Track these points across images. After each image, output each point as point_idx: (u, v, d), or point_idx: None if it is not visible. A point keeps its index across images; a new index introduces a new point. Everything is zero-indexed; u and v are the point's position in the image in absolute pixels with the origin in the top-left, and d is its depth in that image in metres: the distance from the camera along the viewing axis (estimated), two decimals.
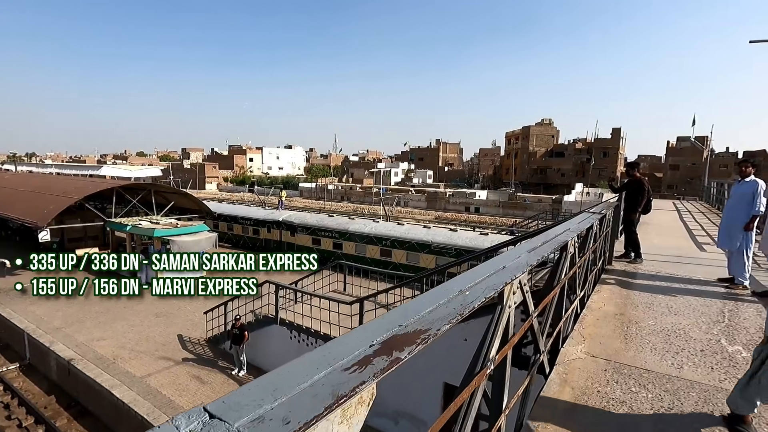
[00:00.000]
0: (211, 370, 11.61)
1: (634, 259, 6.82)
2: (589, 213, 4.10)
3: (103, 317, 15.16)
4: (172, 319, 15.16)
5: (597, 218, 3.95)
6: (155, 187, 23.48)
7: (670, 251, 8.09)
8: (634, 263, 6.73)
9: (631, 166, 7.06)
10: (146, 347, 12.86)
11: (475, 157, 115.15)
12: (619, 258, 7.05)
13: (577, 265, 3.42)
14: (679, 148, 61.75)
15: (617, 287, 5.20)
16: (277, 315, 11.22)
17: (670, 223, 13.07)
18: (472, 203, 57.23)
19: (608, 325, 3.90)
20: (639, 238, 6.89)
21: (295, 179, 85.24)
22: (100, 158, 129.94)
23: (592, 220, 3.67)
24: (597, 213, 4.09)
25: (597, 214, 4.05)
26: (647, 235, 9.99)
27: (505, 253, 2.84)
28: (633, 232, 6.81)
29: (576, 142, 70.21)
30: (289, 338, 11.02)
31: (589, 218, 3.67)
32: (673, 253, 7.85)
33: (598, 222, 4.15)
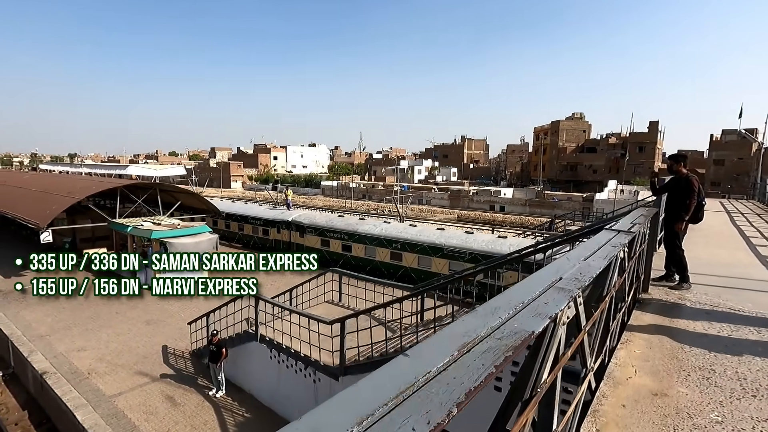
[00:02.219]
0: (187, 389, 10.53)
1: (679, 283, 5.12)
2: (611, 235, 2.55)
3: (91, 324, 14.42)
4: (161, 327, 14.26)
5: (621, 248, 2.41)
6: (161, 186, 22.89)
7: (725, 269, 6.29)
8: (678, 289, 5.04)
9: (676, 159, 5.30)
10: (126, 360, 11.95)
11: (502, 154, 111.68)
12: (659, 281, 5.37)
13: (584, 331, 1.92)
14: (724, 141, 57.14)
15: (656, 336, 3.58)
16: (257, 331, 10.00)
17: (721, 229, 11.01)
18: (497, 202, 54.85)
19: (640, 421, 2.36)
20: (685, 254, 5.18)
21: (318, 177, 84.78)
22: (133, 158, 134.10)
23: (613, 254, 2.14)
24: (623, 233, 2.55)
25: (622, 236, 2.50)
26: (693, 246, 8.12)
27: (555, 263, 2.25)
28: (678, 247, 5.11)
29: (609, 136, 66.40)
30: (269, 357, 9.77)
31: (607, 251, 2.14)
32: (731, 273, 6.05)
33: (625, 249, 2.62)
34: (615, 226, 2.83)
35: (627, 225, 2.83)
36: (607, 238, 2.41)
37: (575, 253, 2.34)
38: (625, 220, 3.17)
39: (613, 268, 2.63)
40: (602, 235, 2.54)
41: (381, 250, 20.70)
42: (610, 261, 2.39)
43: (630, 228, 2.74)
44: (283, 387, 9.50)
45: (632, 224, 2.99)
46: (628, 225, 2.84)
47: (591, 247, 2.33)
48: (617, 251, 2.31)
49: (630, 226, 2.81)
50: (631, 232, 2.66)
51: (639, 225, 3.01)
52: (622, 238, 2.46)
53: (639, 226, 2.96)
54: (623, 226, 2.81)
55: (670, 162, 5.29)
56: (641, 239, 4.02)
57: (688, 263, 5.61)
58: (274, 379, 9.74)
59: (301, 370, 9.04)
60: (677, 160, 5.25)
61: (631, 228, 2.74)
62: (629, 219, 3.34)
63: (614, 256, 2.45)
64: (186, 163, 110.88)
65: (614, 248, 2.27)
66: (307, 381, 8.91)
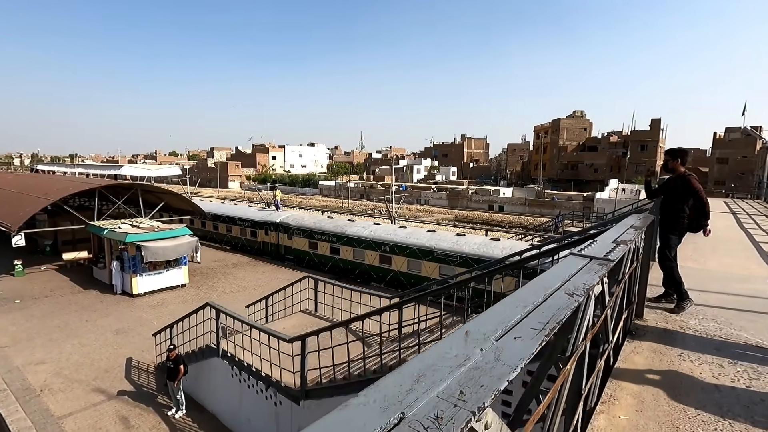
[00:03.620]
0: (145, 408, 9.67)
1: (678, 305, 4.23)
2: (578, 265, 1.70)
3: (57, 334, 13.58)
4: (130, 337, 13.40)
5: (588, 291, 1.57)
6: (142, 186, 22.02)
7: (737, 285, 5.39)
8: (678, 312, 4.15)
9: (673, 155, 4.38)
10: (85, 374, 11.10)
11: (503, 153, 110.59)
12: (657, 300, 4.48)
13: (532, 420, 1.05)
14: (728, 139, 56.00)
15: (649, 390, 2.69)
16: (218, 346, 9.14)
17: (728, 232, 10.09)
18: (496, 201, 53.90)
19: None
20: (682, 268, 4.29)
21: (316, 177, 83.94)
22: (132, 158, 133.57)
23: (574, 303, 1.29)
24: (597, 262, 1.71)
25: (595, 266, 1.64)
26: (700, 254, 7.21)
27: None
28: (668, 259, 4.22)
29: (611, 135, 65.32)
30: (231, 375, 8.90)
31: (560, 303, 1.29)
32: (744, 290, 5.14)
33: (604, 281, 1.76)
34: (589, 250, 1.96)
35: (605, 248, 1.97)
36: (568, 273, 1.56)
37: (521, 296, 1.47)
38: (606, 238, 2.29)
39: (582, 316, 1.75)
40: (565, 266, 1.68)
41: (370, 253, 19.82)
42: (577, 306, 1.52)
43: (608, 254, 1.87)
44: (245, 408, 8.65)
45: (615, 244, 2.12)
46: (607, 248, 1.97)
47: (540, 288, 1.46)
48: (582, 299, 1.43)
49: (609, 249, 1.95)
50: (608, 260, 1.80)
51: (624, 245, 2.14)
52: (592, 272, 1.61)
53: (623, 247, 2.09)
54: (599, 250, 1.94)
55: (666, 158, 4.38)
56: (631, 258, 3.14)
57: (692, 274, 4.73)
58: (235, 399, 8.88)
59: (262, 391, 8.18)
60: (674, 156, 4.33)
61: (609, 254, 1.87)
62: (613, 234, 2.46)
63: (582, 302, 1.56)
64: (185, 163, 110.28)
65: (573, 297, 1.39)
66: (268, 403, 8.05)
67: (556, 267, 1.72)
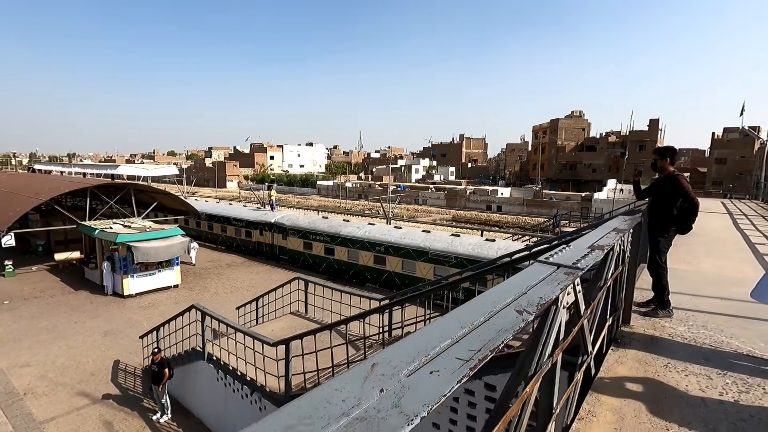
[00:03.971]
0: (129, 412, 9.48)
1: (655, 309, 4.08)
2: (541, 274, 1.51)
3: (45, 335, 13.38)
4: (119, 339, 13.20)
5: (565, 286, 1.39)
6: (135, 186, 21.82)
7: (730, 288, 5.22)
8: (658, 316, 4.00)
9: (661, 154, 4.14)
10: (71, 377, 10.91)
11: (502, 153, 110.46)
12: (645, 306, 4.31)
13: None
14: (726, 139, 55.89)
15: (630, 404, 2.51)
16: (204, 349, 8.95)
17: (723, 233, 9.93)
18: (494, 201, 53.73)
19: None
20: (674, 270, 4.12)
21: (314, 177, 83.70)
22: (129, 158, 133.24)
23: (513, 325, 1.11)
24: (564, 270, 1.53)
25: (560, 276, 1.46)
26: (694, 256, 7.04)
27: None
28: (658, 264, 4.05)
29: (609, 135, 65.22)
30: (216, 379, 8.72)
31: (504, 323, 1.11)
32: (737, 294, 4.97)
33: (576, 288, 1.58)
34: (559, 256, 1.77)
35: (577, 255, 1.77)
36: (526, 285, 1.37)
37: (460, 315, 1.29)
38: (582, 243, 2.10)
39: (548, 330, 1.57)
40: (527, 275, 1.49)
41: (364, 253, 19.64)
42: (524, 324, 1.34)
43: (577, 261, 1.68)
44: (230, 413, 8.47)
45: (589, 250, 1.93)
46: (579, 254, 1.77)
47: (487, 304, 1.29)
48: (532, 317, 1.25)
49: (581, 256, 1.75)
50: (576, 268, 1.61)
51: (599, 251, 1.94)
52: (554, 283, 1.42)
53: (598, 253, 1.89)
54: (570, 256, 1.74)
55: (655, 157, 4.19)
56: (614, 263, 2.96)
57: (684, 276, 4.56)
58: (221, 403, 8.70)
59: (247, 396, 7.99)
60: (662, 155, 4.13)
61: (580, 261, 1.68)
62: (591, 239, 2.27)
63: (534, 319, 1.39)
64: (183, 162, 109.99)
65: (523, 315, 1.21)
66: (253, 408, 7.86)
67: (516, 277, 1.54)
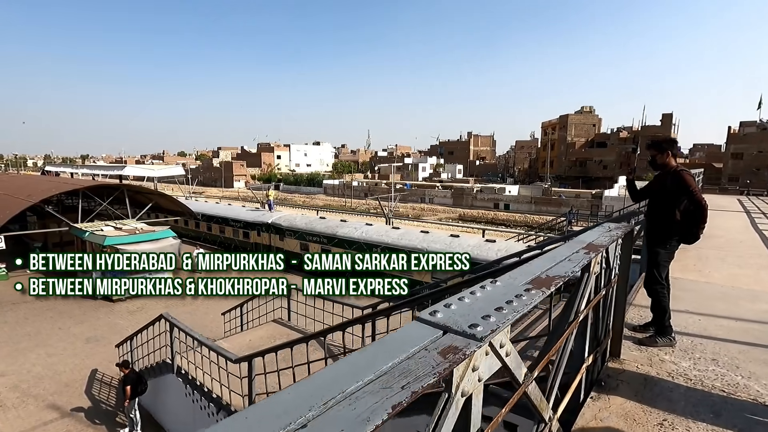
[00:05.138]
0: (98, 427, 8.97)
1: (652, 337, 3.32)
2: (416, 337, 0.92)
3: (26, 342, 12.98)
4: (101, 346, 12.75)
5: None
6: (129, 187, 21.46)
7: (745, 303, 4.42)
8: (657, 345, 3.26)
9: (658, 148, 3.38)
10: (44, 388, 10.44)
11: (511, 150, 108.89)
12: (642, 331, 3.56)
13: None
14: (742, 134, 53.96)
15: None
16: (173, 362, 8.37)
17: (740, 235, 9.03)
18: (502, 199, 52.65)
19: None
20: (680, 281, 3.38)
21: (321, 176, 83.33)
22: (140, 158, 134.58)
23: None
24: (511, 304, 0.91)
25: (439, 354, 0.85)
26: (704, 262, 6.23)
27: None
28: (657, 281, 3.30)
29: (620, 130, 63.58)
30: (185, 395, 8.13)
31: None
32: (757, 314, 4.17)
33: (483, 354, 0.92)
34: (451, 310, 1.07)
35: (497, 300, 1.05)
36: (378, 368, 0.72)
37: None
38: (521, 273, 1.40)
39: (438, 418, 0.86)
40: (385, 350, 0.85)
41: (361, 255, 18.96)
42: None
43: (483, 320, 0.97)
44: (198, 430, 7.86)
45: (526, 287, 1.22)
46: (501, 299, 1.05)
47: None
48: None
49: (500, 303, 1.03)
50: (471, 337, 0.92)
51: (538, 291, 1.25)
52: (430, 367, 0.76)
53: (535, 294, 1.19)
54: (475, 309, 1.05)
55: (653, 152, 3.40)
56: (594, 286, 2.25)
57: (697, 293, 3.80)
58: (190, 420, 8.12)
59: (213, 414, 7.38)
60: (659, 149, 3.35)
61: (489, 317, 0.97)
62: (542, 264, 1.56)
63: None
64: (192, 163, 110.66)
65: None
66: None
67: (373, 349, 0.86)
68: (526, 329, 5.45)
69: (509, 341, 1.24)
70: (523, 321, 5.95)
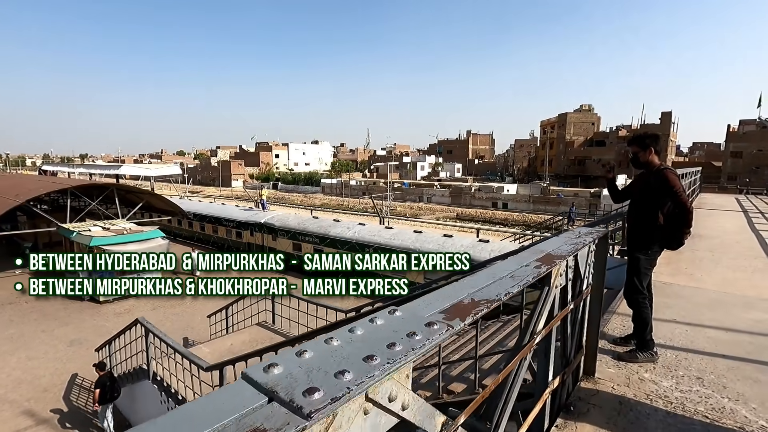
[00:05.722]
0: None
1: (632, 352, 3.03)
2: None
3: (7, 345, 12.70)
4: (83, 349, 12.45)
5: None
6: (118, 186, 21.16)
7: (738, 310, 4.13)
8: (638, 361, 2.97)
9: (640, 143, 3.12)
10: (21, 393, 10.16)
11: (511, 149, 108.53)
12: (622, 344, 3.27)
13: None
14: (742, 132, 53.64)
15: None
16: (149, 368, 8.09)
17: (735, 236, 8.74)
18: (500, 198, 52.34)
19: None
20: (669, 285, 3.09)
21: (319, 175, 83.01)
22: (138, 158, 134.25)
23: None
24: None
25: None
26: (696, 265, 5.94)
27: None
28: (637, 290, 3.01)
29: (619, 129, 63.24)
30: (160, 402, 7.85)
31: None
32: (751, 324, 3.87)
33: None
34: (299, 366, 0.78)
35: (374, 345, 0.78)
36: None
37: None
38: (439, 297, 1.13)
39: None
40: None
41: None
42: None
43: (307, 394, 0.70)
44: None
45: (425, 328, 0.94)
46: (374, 347, 0.78)
47: None
48: None
49: (368, 354, 0.77)
50: (299, 414, 0.65)
51: (445, 326, 0.96)
52: None
53: (438, 330, 0.91)
54: (333, 361, 0.78)
55: (634, 148, 3.10)
56: (558, 301, 1.96)
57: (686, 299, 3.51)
58: None
59: None
60: (642, 145, 3.07)
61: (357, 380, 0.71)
62: (479, 280, 1.28)
63: None
64: (191, 162, 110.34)
65: None
66: None
67: None
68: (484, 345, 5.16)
69: (408, 391, 0.93)
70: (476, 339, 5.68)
